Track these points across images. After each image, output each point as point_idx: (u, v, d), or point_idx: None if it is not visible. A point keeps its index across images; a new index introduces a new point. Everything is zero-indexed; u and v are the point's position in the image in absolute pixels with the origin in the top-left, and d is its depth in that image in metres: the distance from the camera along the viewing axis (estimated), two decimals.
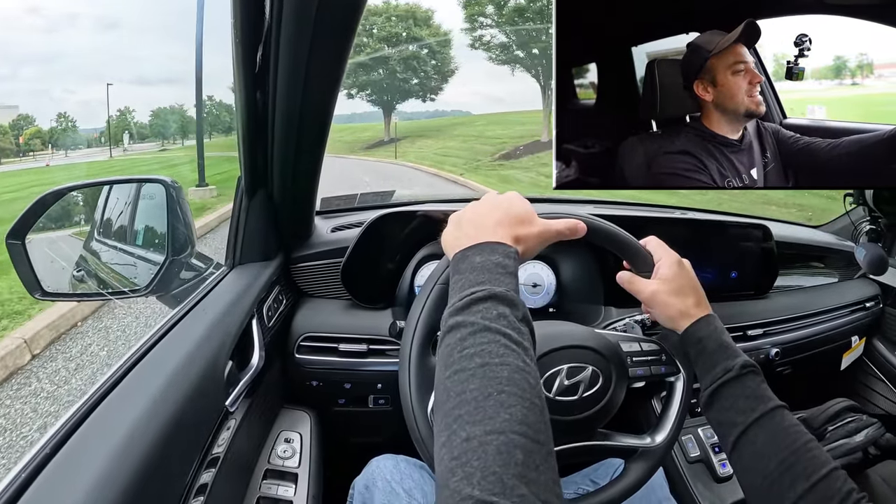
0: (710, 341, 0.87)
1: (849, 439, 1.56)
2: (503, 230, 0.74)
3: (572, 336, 0.91)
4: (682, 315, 0.90)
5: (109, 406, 0.76)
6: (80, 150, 40.20)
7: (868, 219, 1.80)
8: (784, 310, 1.70)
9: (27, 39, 78.22)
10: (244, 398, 1.06)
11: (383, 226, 1.35)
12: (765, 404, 0.80)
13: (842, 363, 1.94)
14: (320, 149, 1.14)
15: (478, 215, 0.77)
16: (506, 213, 0.76)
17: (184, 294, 1.16)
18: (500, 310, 0.63)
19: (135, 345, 0.92)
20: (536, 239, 0.78)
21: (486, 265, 0.69)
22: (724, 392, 0.83)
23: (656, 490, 1.18)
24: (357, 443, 1.46)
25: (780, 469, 0.74)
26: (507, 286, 0.67)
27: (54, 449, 0.67)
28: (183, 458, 0.81)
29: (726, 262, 1.64)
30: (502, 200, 0.79)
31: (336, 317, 1.39)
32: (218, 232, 8.43)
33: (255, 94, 0.99)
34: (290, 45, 0.88)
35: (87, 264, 1.48)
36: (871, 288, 1.99)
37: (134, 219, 1.43)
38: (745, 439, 0.79)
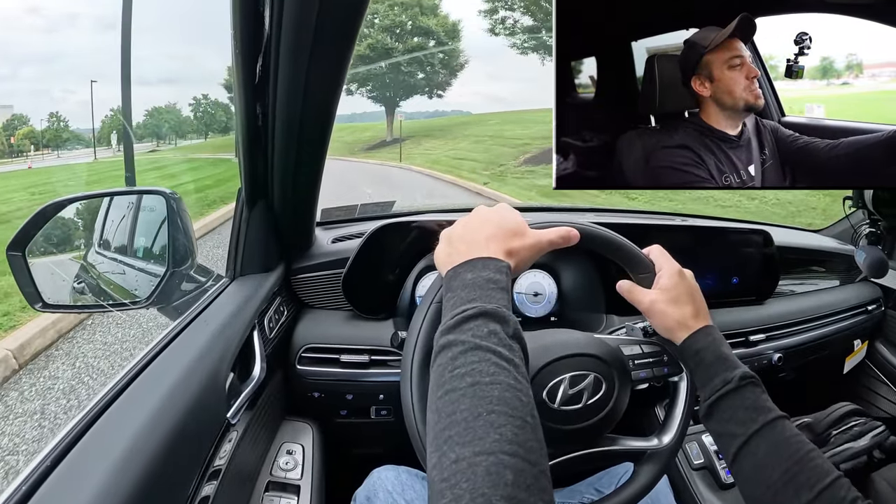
0: (708, 353, 0.87)
1: (853, 443, 1.56)
2: (495, 244, 0.74)
3: (571, 345, 0.90)
4: (679, 326, 0.90)
5: (110, 418, 0.75)
6: (76, 150, 40.24)
7: (868, 222, 1.80)
8: (786, 315, 1.70)
9: (27, 39, 79.04)
10: (245, 410, 1.06)
11: (384, 236, 1.35)
12: (765, 415, 0.79)
13: (844, 367, 1.94)
14: (320, 159, 1.14)
15: (468, 231, 0.77)
16: (497, 227, 0.76)
17: (184, 306, 1.16)
18: (490, 327, 0.63)
19: (136, 357, 0.91)
20: (529, 251, 0.77)
21: (477, 281, 0.69)
22: (722, 404, 0.83)
23: (661, 498, 1.18)
24: (359, 454, 1.46)
25: (783, 479, 0.73)
26: (499, 302, 0.67)
27: (55, 462, 0.67)
28: (184, 470, 0.81)
29: (727, 268, 1.64)
30: (493, 214, 0.79)
31: (337, 328, 1.38)
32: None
33: (254, 105, 0.99)
34: (291, 55, 0.88)
35: (87, 276, 1.48)
36: (872, 291, 1.99)
37: (134, 230, 1.43)
38: (747, 450, 0.78)
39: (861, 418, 1.65)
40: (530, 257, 0.78)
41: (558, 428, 0.86)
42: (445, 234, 0.80)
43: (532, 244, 0.78)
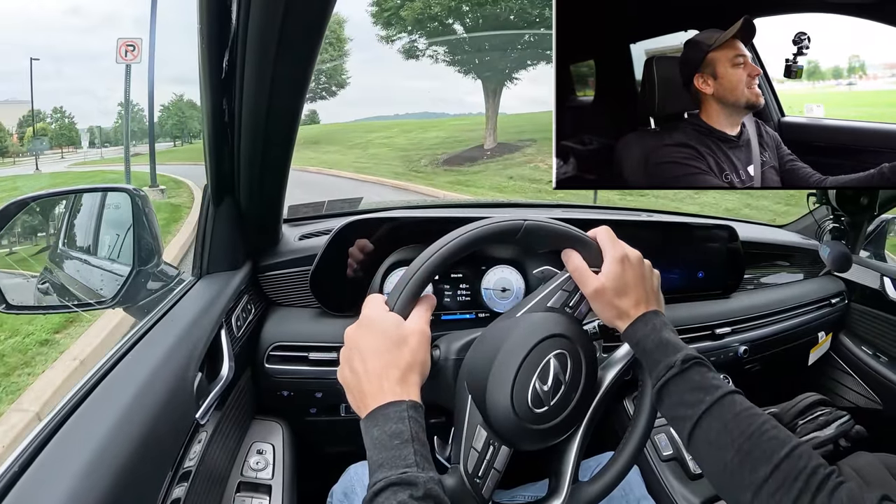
0: (648, 341, 0.87)
1: (819, 433, 1.60)
2: (387, 382, 0.76)
3: (523, 341, 0.89)
4: (619, 316, 0.90)
5: (77, 422, 0.74)
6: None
7: (831, 217, 1.84)
8: (751, 308, 1.73)
9: (69, 39, 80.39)
10: (214, 410, 1.04)
11: (351, 233, 1.34)
12: (712, 394, 0.79)
13: (809, 359, 1.98)
14: (287, 156, 1.13)
15: (359, 372, 0.78)
16: (382, 352, 0.78)
17: (151, 305, 1.14)
18: (399, 497, 0.65)
19: (102, 358, 0.90)
20: (420, 353, 0.80)
21: (382, 440, 0.71)
22: (669, 388, 0.82)
23: (634, 489, 1.19)
24: (332, 452, 1.45)
25: (738, 457, 0.73)
26: (406, 461, 0.69)
27: (21, 468, 0.65)
28: (154, 472, 0.80)
29: (693, 263, 1.66)
30: (376, 335, 0.80)
31: (306, 325, 1.37)
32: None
33: (221, 100, 0.97)
34: (257, 50, 0.86)
35: (52, 276, 1.45)
36: (835, 285, 2.04)
37: (99, 229, 1.40)
38: (699, 431, 0.78)
39: (826, 408, 1.69)
40: (424, 359, 0.81)
41: (543, 426, 0.88)
42: (344, 356, 0.82)
43: (417, 342, 0.80)
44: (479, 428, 0.87)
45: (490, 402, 0.86)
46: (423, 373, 0.80)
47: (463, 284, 1.41)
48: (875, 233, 2.07)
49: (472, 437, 0.87)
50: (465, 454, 0.86)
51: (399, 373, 0.76)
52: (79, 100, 78.03)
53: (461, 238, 0.86)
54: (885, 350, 1.96)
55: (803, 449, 0.71)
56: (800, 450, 0.71)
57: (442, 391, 0.94)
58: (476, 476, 0.85)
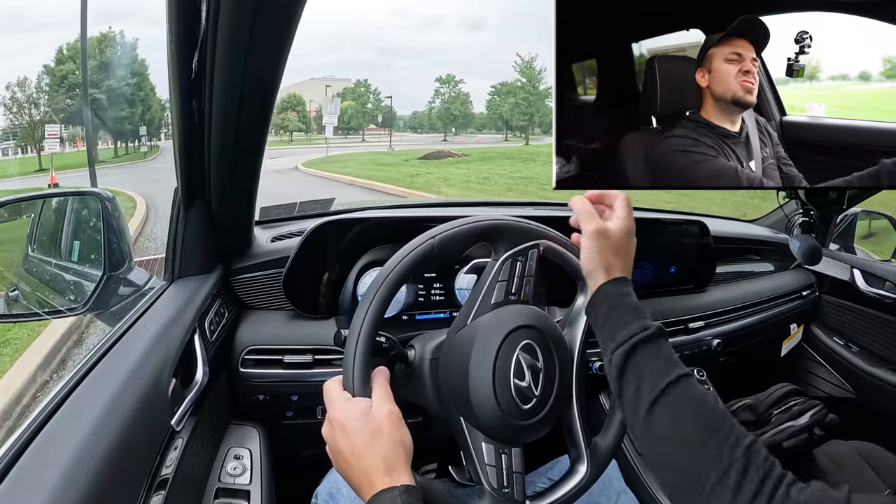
0: (628, 299, 0.88)
1: (794, 422, 1.62)
2: (377, 475, 0.76)
3: (486, 350, 0.89)
4: (603, 268, 0.92)
5: (51, 432, 0.73)
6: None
7: (801, 211, 1.87)
8: (723, 302, 1.76)
9: (397, 36, 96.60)
10: (190, 416, 1.03)
11: (323, 234, 1.34)
12: (681, 368, 0.79)
13: (782, 350, 2.01)
14: (258, 157, 1.12)
15: (347, 462, 0.80)
16: (366, 452, 0.78)
17: (123, 311, 1.12)
18: None
19: (75, 366, 0.88)
20: (398, 436, 0.80)
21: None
22: (640, 350, 0.81)
23: (613, 483, 1.20)
24: (310, 455, 1.44)
25: (703, 434, 0.71)
26: None
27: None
28: (131, 481, 0.79)
29: (665, 258, 1.68)
30: (350, 436, 0.80)
31: (279, 328, 1.36)
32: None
33: (190, 101, 0.96)
34: (227, 51, 0.86)
35: (21, 283, 1.43)
36: (806, 277, 2.08)
37: (69, 234, 1.38)
38: (664, 401, 0.76)
39: (800, 398, 1.71)
40: (402, 437, 0.81)
41: (529, 422, 0.89)
42: (332, 452, 0.83)
43: (391, 425, 0.80)
44: (483, 444, 0.89)
45: (482, 417, 0.87)
46: (407, 450, 0.80)
47: (436, 284, 1.41)
48: (844, 225, 2.12)
49: (480, 455, 0.88)
50: (484, 473, 0.88)
51: (384, 464, 0.76)
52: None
53: (384, 287, 0.87)
54: (855, 340, 2.00)
55: (762, 447, 0.70)
56: (759, 446, 0.70)
57: (418, 391, 0.95)
58: (503, 487, 0.87)
